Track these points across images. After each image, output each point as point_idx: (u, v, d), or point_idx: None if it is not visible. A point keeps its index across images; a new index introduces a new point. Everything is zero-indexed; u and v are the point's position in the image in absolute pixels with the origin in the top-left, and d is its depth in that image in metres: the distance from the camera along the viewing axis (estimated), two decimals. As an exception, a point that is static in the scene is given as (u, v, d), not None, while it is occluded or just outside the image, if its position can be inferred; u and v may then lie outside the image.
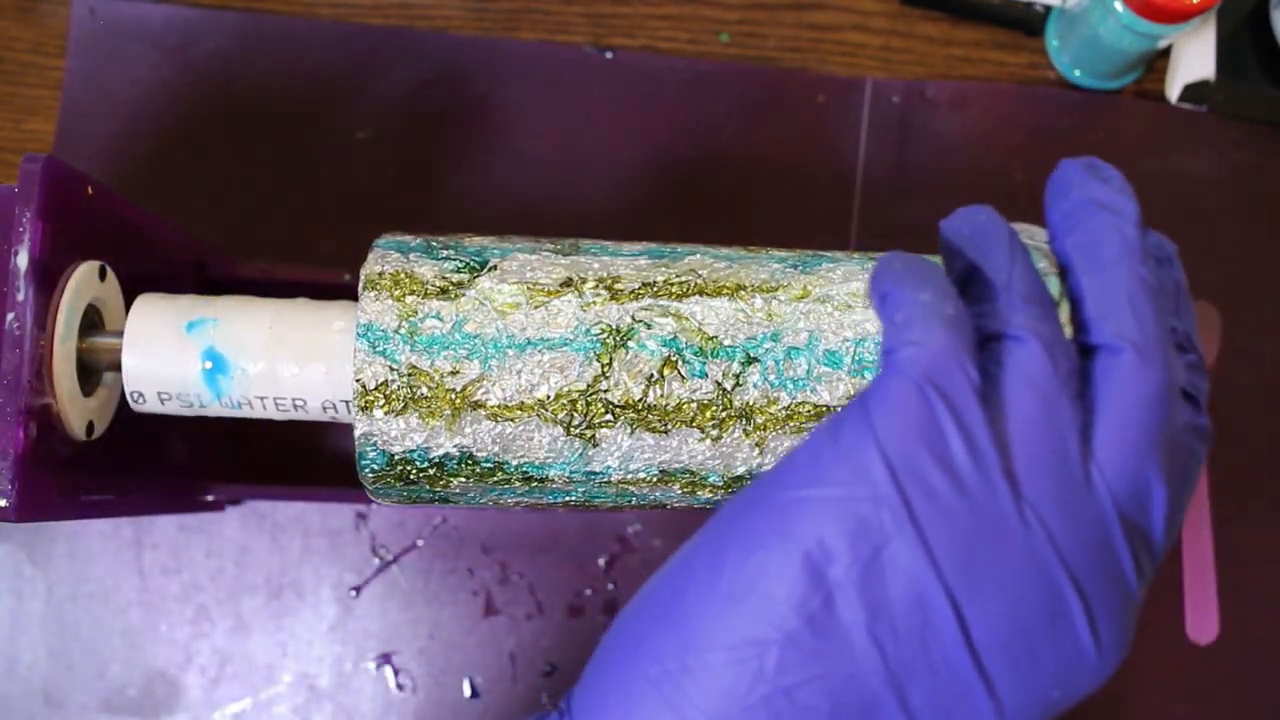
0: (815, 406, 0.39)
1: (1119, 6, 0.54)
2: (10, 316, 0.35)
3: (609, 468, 0.39)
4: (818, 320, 0.38)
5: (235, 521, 0.55)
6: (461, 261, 0.37)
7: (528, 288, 0.37)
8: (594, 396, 0.37)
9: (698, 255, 0.39)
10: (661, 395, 0.38)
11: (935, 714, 0.25)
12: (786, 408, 0.38)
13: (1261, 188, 0.60)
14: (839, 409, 0.38)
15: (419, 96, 0.59)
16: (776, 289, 0.38)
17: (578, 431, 0.38)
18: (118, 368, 0.37)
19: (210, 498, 0.52)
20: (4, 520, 0.34)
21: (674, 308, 0.38)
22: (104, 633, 0.54)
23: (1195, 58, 0.59)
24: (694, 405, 0.38)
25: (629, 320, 0.37)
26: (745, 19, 0.61)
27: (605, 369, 0.37)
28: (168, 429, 0.46)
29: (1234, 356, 0.59)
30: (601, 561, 0.56)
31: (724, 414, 0.38)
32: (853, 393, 0.38)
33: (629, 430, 0.38)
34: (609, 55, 0.60)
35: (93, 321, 0.38)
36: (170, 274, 0.47)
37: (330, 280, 0.50)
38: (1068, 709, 0.26)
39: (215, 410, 0.38)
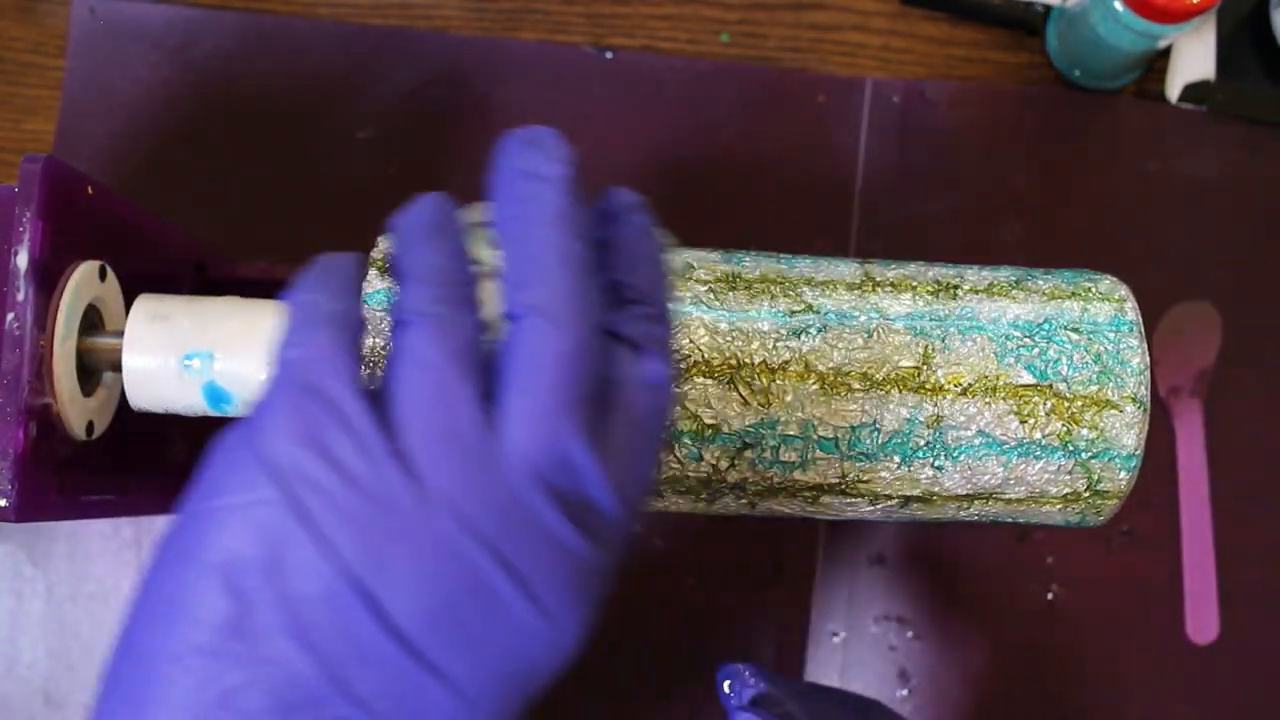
0: (810, 484, 0.40)
1: (1119, 6, 0.54)
2: (10, 316, 0.35)
3: None
4: (813, 409, 0.38)
5: (235, 521, 0.55)
6: None
7: None
8: None
9: (694, 309, 0.38)
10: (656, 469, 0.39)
11: (389, 700, 0.24)
12: (779, 482, 0.40)
13: (1261, 188, 0.60)
14: (826, 485, 0.40)
15: (419, 96, 0.59)
16: (775, 371, 0.38)
17: None
18: (118, 368, 0.37)
19: (210, 498, 0.51)
20: (4, 520, 0.34)
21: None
22: (104, 633, 0.54)
23: (1195, 58, 0.59)
24: (689, 479, 0.39)
25: None
26: (745, 19, 0.61)
27: None
28: (168, 429, 0.46)
29: (1234, 356, 0.59)
30: (601, 561, 0.56)
31: (718, 486, 0.39)
32: (845, 475, 0.40)
33: None
34: (609, 55, 0.60)
35: (93, 321, 0.38)
36: (170, 274, 0.47)
37: (330, 280, 0.49)
38: (548, 674, 0.26)
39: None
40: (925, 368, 0.39)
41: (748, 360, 0.38)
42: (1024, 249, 0.59)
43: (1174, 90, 0.60)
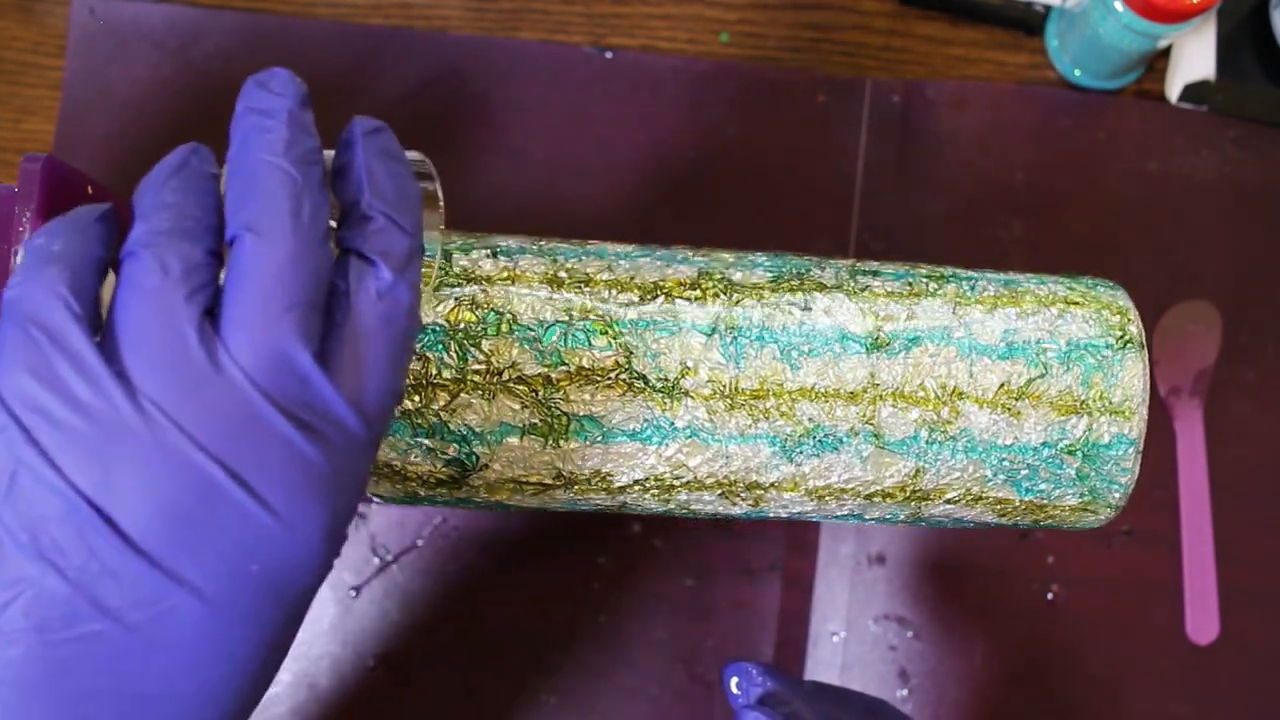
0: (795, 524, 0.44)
1: (1119, 6, 0.54)
2: (10, 316, 0.35)
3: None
4: (803, 508, 0.41)
5: (235, 521, 0.55)
6: (449, 456, 0.38)
7: (518, 485, 0.39)
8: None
9: (690, 435, 0.38)
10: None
11: (137, 609, 0.26)
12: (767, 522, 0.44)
13: (1261, 188, 0.60)
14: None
15: (419, 96, 0.59)
16: (769, 487, 0.40)
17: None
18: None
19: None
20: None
21: (664, 496, 0.40)
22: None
23: (1195, 58, 0.59)
24: (675, 515, 0.42)
25: (622, 504, 0.40)
26: (745, 19, 0.61)
27: (603, 509, 0.41)
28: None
29: (1234, 356, 0.59)
30: (602, 561, 0.56)
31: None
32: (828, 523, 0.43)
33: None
34: (609, 55, 0.60)
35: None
36: (170, 274, 0.47)
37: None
38: (298, 582, 0.27)
39: None
40: (913, 484, 0.40)
41: (740, 479, 0.39)
42: (1024, 249, 0.59)
43: (1174, 90, 0.60)
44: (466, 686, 0.55)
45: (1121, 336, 0.40)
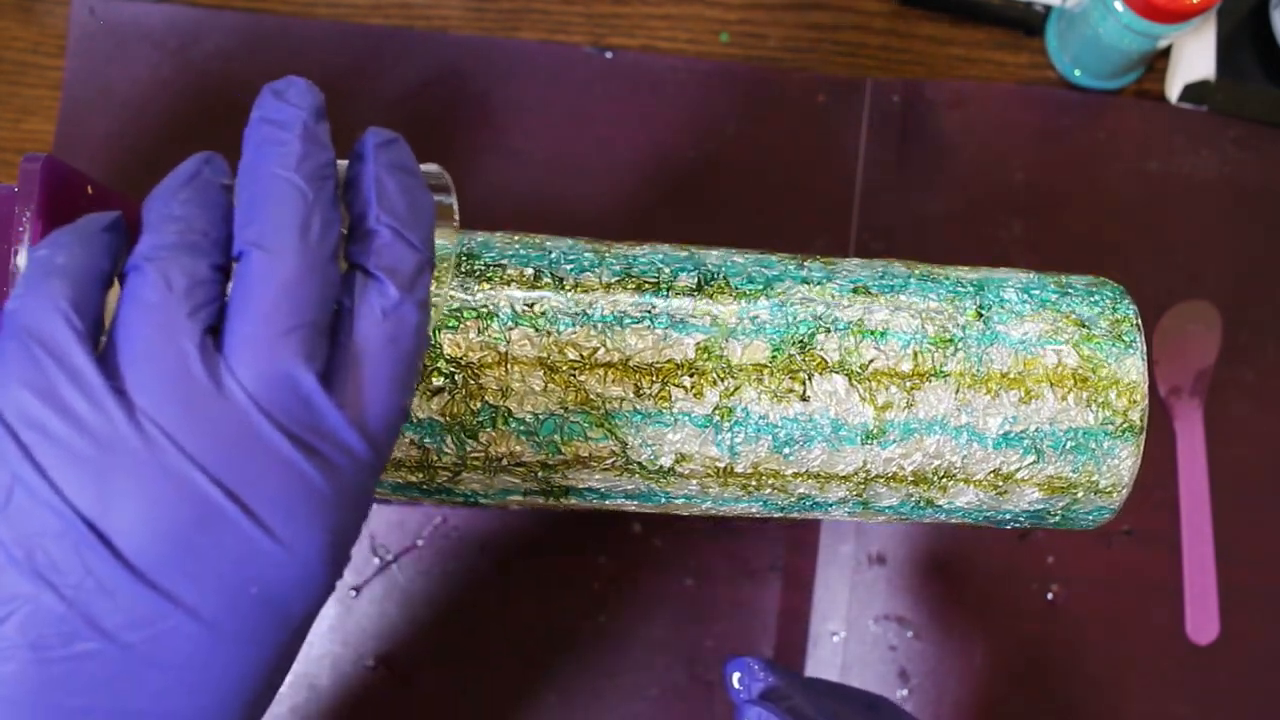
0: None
1: (1119, 6, 0.54)
2: (10, 316, 0.35)
3: None
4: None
5: (235, 521, 0.55)
6: (458, 502, 0.40)
7: (524, 510, 0.42)
8: None
9: (685, 500, 0.40)
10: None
11: (134, 628, 0.26)
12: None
13: (1261, 188, 0.60)
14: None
15: (419, 96, 0.59)
16: (761, 521, 0.43)
17: None
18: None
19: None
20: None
21: (661, 515, 0.43)
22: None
23: (1195, 58, 0.59)
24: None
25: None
26: (745, 19, 0.61)
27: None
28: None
29: (1234, 356, 0.59)
30: (602, 561, 0.56)
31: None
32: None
33: None
34: (609, 55, 0.60)
35: (93, 321, 0.38)
36: (170, 274, 0.47)
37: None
38: (299, 605, 0.27)
39: None
40: (898, 521, 0.43)
41: (732, 517, 0.42)
42: (1024, 249, 0.59)
43: (1174, 90, 0.60)
44: (466, 686, 0.55)
45: (1122, 424, 0.39)
